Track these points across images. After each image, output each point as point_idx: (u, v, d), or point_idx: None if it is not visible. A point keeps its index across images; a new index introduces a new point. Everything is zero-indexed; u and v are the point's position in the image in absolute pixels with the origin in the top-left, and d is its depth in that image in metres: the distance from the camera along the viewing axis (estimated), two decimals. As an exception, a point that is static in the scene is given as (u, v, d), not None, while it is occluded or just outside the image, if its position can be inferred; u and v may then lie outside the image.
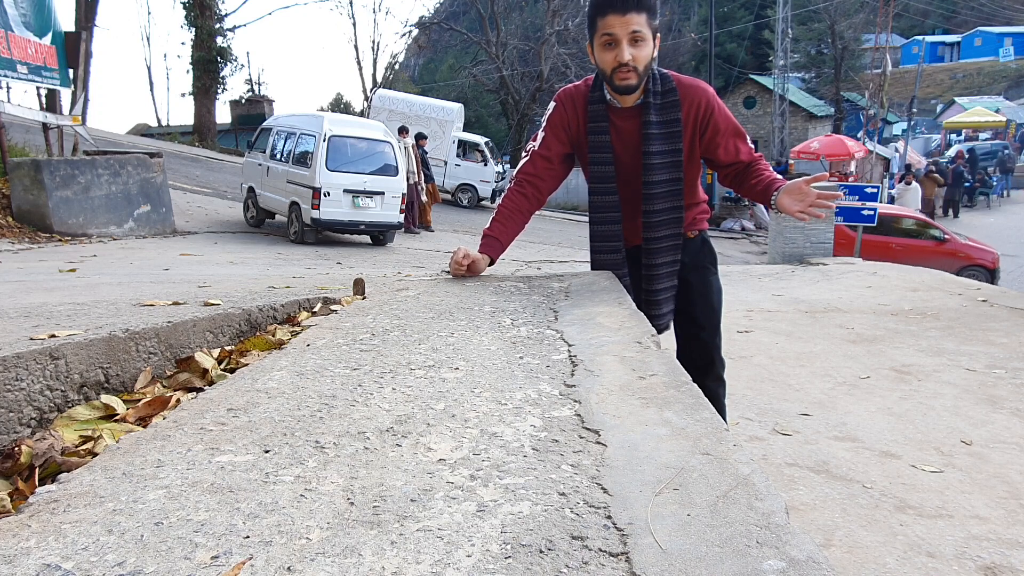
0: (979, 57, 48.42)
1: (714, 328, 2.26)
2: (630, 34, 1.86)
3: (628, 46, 1.87)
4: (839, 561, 1.99)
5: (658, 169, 2.02)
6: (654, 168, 2.01)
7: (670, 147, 2.01)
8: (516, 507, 0.80)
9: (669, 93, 1.99)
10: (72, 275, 4.92)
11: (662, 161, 2.01)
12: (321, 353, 1.44)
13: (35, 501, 0.84)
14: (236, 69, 28.12)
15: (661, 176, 2.02)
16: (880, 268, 7.88)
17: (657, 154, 2.00)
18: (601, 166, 2.08)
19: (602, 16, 1.87)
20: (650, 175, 2.02)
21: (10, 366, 1.17)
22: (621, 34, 1.86)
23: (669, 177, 2.03)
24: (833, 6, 32.64)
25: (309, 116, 10.66)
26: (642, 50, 1.89)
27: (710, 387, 2.19)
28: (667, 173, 2.03)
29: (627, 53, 1.86)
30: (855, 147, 20.09)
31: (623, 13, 1.84)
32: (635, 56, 1.88)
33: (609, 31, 1.87)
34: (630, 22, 1.84)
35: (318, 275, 5.88)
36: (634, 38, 1.87)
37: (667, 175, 2.03)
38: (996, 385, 3.59)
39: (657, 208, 2.05)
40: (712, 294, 2.24)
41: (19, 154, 9.07)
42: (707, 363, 2.24)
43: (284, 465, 0.92)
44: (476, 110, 35.33)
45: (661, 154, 2.01)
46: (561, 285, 2.07)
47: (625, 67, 1.88)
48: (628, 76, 1.90)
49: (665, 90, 1.99)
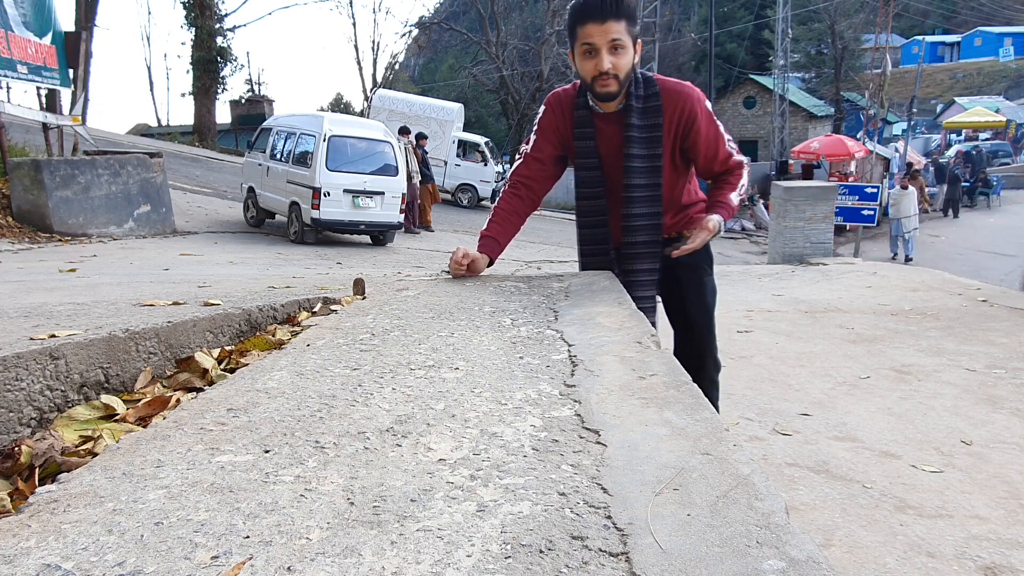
0: (979, 57, 48.44)
1: (707, 328, 2.26)
2: (609, 42, 1.87)
3: (608, 54, 1.87)
4: (839, 561, 1.99)
5: (637, 173, 2.02)
6: (633, 172, 2.02)
7: (650, 152, 2.01)
8: (516, 507, 0.80)
9: (652, 98, 1.99)
10: (72, 275, 4.92)
11: (641, 166, 2.02)
12: (321, 353, 1.44)
13: (35, 501, 0.84)
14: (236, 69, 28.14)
15: (640, 180, 2.03)
16: (880, 268, 7.89)
17: (637, 158, 2.01)
18: (587, 171, 2.10)
19: (581, 25, 1.88)
20: (629, 179, 2.03)
21: (10, 366, 1.17)
22: (600, 42, 1.87)
23: (648, 182, 2.03)
24: (833, 6, 32.64)
25: (309, 116, 10.66)
26: (622, 58, 1.89)
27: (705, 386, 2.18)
28: (647, 178, 2.03)
29: (607, 62, 1.87)
30: (855, 147, 20.07)
31: (602, 21, 1.85)
32: (615, 64, 1.88)
33: (588, 40, 1.88)
34: (609, 30, 1.85)
35: (318, 275, 5.88)
36: (613, 46, 1.87)
37: (646, 179, 2.03)
38: (996, 385, 3.59)
39: (636, 212, 2.06)
40: (706, 294, 2.24)
41: (19, 154, 9.07)
42: (699, 364, 2.23)
43: (284, 465, 0.92)
44: (476, 110, 35.33)
45: (641, 158, 2.01)
46: (561, 285, 2.07)
47: (605, 75, 1.89)
48: (608, 84, 1.91)
49: (648, 95, 2.00)
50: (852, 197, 10.32)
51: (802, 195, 8.89)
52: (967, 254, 14.48)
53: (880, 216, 11.68)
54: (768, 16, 33.43)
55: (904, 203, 14.18)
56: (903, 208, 14.16)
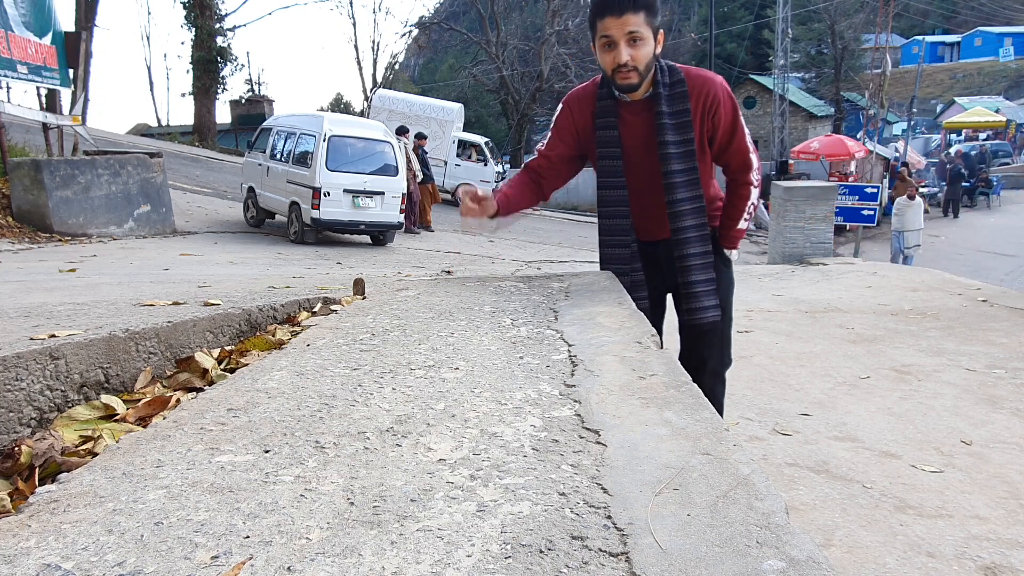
0: (979, 57, 48.44)
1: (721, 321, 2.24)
2: (627, 35, 1.88)
3: (626, 47, 1.89)
4: (839, 561, 1.99)
5: (675, 159, 2.03)
6: (671, 158, 2.03)
7: (683, 137, 2.02)
8: (516, 507, 0.80)
9: (677, 84, 2.01)
10: (72, 275, 4.92)
11: (677, 151, 2.03)
12: (321, 353, 1.44)
13: (35, 501, 0.84)
14: (236, 69, 28.09)
15: (679, 166, 2.04)
16: (880, 268, 7.89)
17: (672, 144, 2.02)
18: (609, 160, 2.10)
19: (600, 18, 1.91)
20: (668, 165, 2.03)
21: (10, 366, 1.17)
22: (618, 35, 1.89)
23: (686, 167, 2.05)
24: (833, 6, 32.65)
25: (309, 116, 10.66)
26: (641, 49, 1.91)
27: (707, 383, 2.18)
28: (684, 162, 2.04)
29: (625, 54, 1.89)
30: (855, 147, 20.07)
31: (619, 15, 1.87)
32: (633, 56, 1.90)
33: (607, 33, 1.90)
34: (627, 23, 1.87)
35: (318, 275, 5.88)
36: (632, 38, 1.89)
37: (684, 164, 2.04)
38: (996, 385, 3.59)
39: (679, 197, 2.06)
40: (720, 287, 2.21)
41: (19, 154, 9.07)
42: (707, 356, 2.23)
43: (284, 465, 0.92)
44: (476, 110, 35.32)
45: (676, 144, 2.02)
46: (561, 285, 2.07)
47: (624, 67, 1.91)
48: (628, 76, 1.93)
49: (673, 81, 2.01)
50: (852, 197, 10.33)
51: (802, 195, 8.90)
52: (967, 254, 14.46)
53: (880, 216, 11.65)
54: (768, 16, 33.42)
55: (910, 215, 12.17)
56: (908, 220, 12.19)
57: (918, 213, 12.14)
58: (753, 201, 2.17)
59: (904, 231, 12.23)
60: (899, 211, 12.31)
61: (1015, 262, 13.14)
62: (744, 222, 2.19)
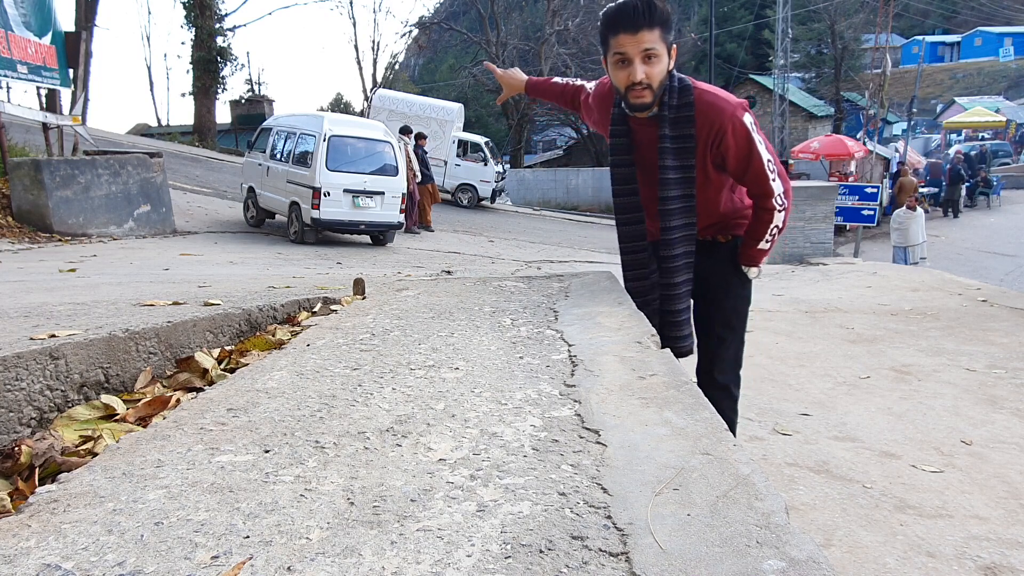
0: (979, 57, 48.43)
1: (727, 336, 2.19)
2: (642, 52, 1.82)
3: (641, 64, 1.83)
4: (839, 561, 1.99)
5: (672, 185, 1.97)
6: (668, 184, 1.97)
7: (683, 163, 1.96)
8: (516, 507, 0.80)
9: (684, 108, 1.92)
10: (72, 275, 4.91)
11: (675, 176, 1.97)
12: (321, 353, 1.44)
13: (35, 501, 0.84)
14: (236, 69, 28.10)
15: (675, 192, 1.98)
16: (880, 268, 7.89)
17: (671, 168, 1.96)
18: (622, 168, 2.08)
19: (614, 35, 1.84)
20: (665, 191, 1.98)
21: (10, 366, 1.17)
22: (633, 53, 1.82)
23: (682, 193, 1.98)
24: (833, 6, 32.64)
25: (309, 116, 10.65)
26: (655, 66, 1.84)
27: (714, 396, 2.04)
28: (680, 189, 1.98)
29: (640, 72, 1.83)
30: (855, 147, 20.06)
31: (635, 32, 1.80)
32: (648, 73, 1.84)
33: (621, 50, 1.83)
34: (642, 40, 1.80)
35: (318, 275, 5.88)
36: (647, 55, 1.82)
37: (680, 191, 1.98)
38: (996, 385, 3.59)
39: (672, 225, 2.00)
40: (729, 299, 2.17)
41: (19, 154, 9.07)
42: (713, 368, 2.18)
43: (284, 465, 0.92)
44: (476, 110, 35.30)
45: (675, 169, 1.97)
46: (561, 285, 2.07)
47: (639, 85, 1.85)
48: (642, 95, 1.87)
49: (681, 104, 1.93)
50: (852, 197, 10.33)
51: (802, 195, 8.90)
52: (967, 254, 14.45)
53: (880, 216, 11.63)
54: (768, 16, 33.42)
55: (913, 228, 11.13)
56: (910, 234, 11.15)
57: (920, 226, 11.18)
58: (777, 224, 2.04)
59: (907, 247, 11.22)
60: (900, 225, 11.28)
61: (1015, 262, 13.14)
62: (766, 243, 2.08)
